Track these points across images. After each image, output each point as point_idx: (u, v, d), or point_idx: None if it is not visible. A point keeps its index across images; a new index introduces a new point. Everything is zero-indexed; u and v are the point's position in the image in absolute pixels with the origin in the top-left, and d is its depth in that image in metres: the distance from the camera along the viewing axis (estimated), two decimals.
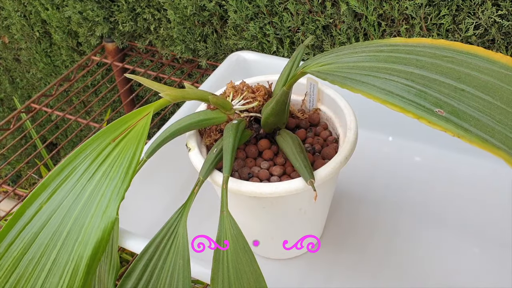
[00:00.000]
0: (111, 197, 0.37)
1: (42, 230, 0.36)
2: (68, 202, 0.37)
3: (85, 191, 0.37)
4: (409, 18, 0.64)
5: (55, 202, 0.37)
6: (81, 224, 0.36)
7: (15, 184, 1.21)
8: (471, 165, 0.61)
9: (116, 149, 0.39)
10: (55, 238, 0.36)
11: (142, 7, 0.85)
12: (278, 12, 0.72)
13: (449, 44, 0.37)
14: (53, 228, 0.36)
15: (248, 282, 0.36)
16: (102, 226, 0.36)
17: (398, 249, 0.54)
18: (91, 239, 0.35)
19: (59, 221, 0.36)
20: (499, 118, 0.30)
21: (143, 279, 0.39)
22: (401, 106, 0.31)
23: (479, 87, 0.32)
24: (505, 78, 0.33)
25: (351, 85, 0.33)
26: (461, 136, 0.28)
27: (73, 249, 0.35)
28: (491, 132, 0.29)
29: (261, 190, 0.43)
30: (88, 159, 0.38)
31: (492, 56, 0.35)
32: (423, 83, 0.32)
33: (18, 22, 1.05)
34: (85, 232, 0.36)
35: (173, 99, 0.43)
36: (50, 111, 0.88)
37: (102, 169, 0.38)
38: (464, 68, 0.34)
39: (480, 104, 0.31)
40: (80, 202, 0.37)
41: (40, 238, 0.36)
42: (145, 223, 0.56)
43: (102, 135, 0.40)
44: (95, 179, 0.38)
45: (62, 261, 0.35)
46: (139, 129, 0.40)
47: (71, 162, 0.38)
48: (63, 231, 0.36)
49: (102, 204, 0.36)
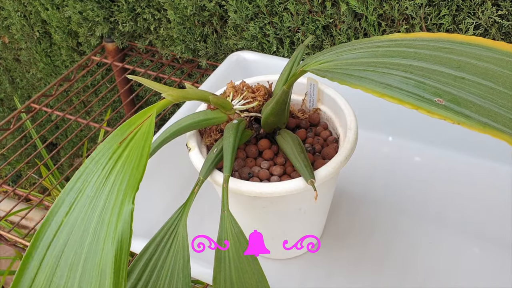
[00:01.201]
0: (126, 193, 0.37)
1: (66, 244, 0.36)
2: (86, 212, 0.37)
3: (101, 197, 0.37)
4: (409, 18, 0.64)
5: (73, 216, 0.37)
6: (101, 228, 0.36)
7: (15, 184, 1.21)
8: (470, 164, 0.62)
9: (125, 151, 0.39)
10: (80, 250, 0.35)
11: (142, 7, 0.85)
12: (278, 12, 0.72)
13: (448, 36, 0.37)
14: (76, 240, 0.36)
15: (250, 281, 0.36)
16: (121, 222, 0.36)
17: (398, 248, 0.54)
18: (111, 238, 0.35)
19: (81, 232, 0.36)
20: (502, 103, 0.30)
21: (142, 278, 0.39)
22: (399, 98, 0.31)
23: (480, 74, 0.32)
24: (507, 64, 0.33)
25: (350, 81, 0.33)
26: (461, 122, 0.28)
27: (97, 253, 0.35)
28: (493, 116, 0.29)
29: (261, 190, 0.43)
30: (99, 166, 0.38)
31: (493, 44, 0.35)
32: (422, 74, 0.32)
33: (18, 22, 1.05)
34: (107, 233, 0.36)
35: (175, 100, 0.43)
36: (50, 111, 0.88)
37: (114, 172, 0.38)
38: (464, 57, 0.34)
39: (481, 91, 0.31)
40: (97, 207, 0.37)
41: (66, 253, 0.35)
42: (145, 223, 0.56)
43: (109, 141, 0.40)
44: (109, 184, 0.38)
45: (91, 267, 0.35)
46: (145, 129, 0.40)
47: (82, 173, 0.38)
48: (85, 240, 0.36)
49: (117, 202, 0.36)
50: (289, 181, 0.43)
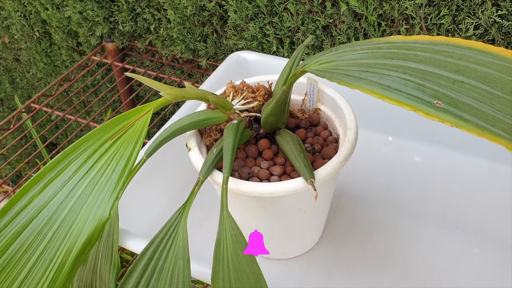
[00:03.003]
0: (106, 195, 0.36)
1: (31, 222, 0.35)
2: (61, 195, 0.36)
3: (79, 186, 0.37)
4: (409, 18, 0.64)
5: (47, 195, 0.36)
6: (72, 219, 0.36)
7: (15, 184, 1.21)
8: (470, 164, 0.61)
9: (113, 147, 0.39)
10: (44, 231, 0.35)
11: (142, 7, 0.85)
12: (278, 12, 0.72)
13: (448, 40, 0.37)
14: (43, 221, 0.36)
15: (248, 281, 0.36)
16: (94, 223, 0.35)
17: (398, 248, 0.54)
18: (81, 235, 0.35)
19: (50, 214, 0.36)
20: (500, 107, 0.30)
21: (143, 279, 0.39)
22: (398, 99, 0.31)
23: (479, 78, 0.32)
24: (506, 70, 0.33)
25: (349, 81, 0.33)
26: (460, 125, 0.29)
27: (62, 242, 0.35)
28: (491, 121, 0.29)
29: (261, 190, 0.43)
30: (84, 154, 0.38)
31: (493, 50, 0.35)
32: (421, 76, 0.32)
33: (18, 22, 1.05)
34: (76, 227, 0.35)
35: (173, 98, 0.43)
36: (50, 111, 0.88)
37: (98, 166, 0.38)
38: (463, 61, 0.34)
39: (480, 95, 0.31)
40: (73, 196, 0.36)
41: (28, 230, 0.35)
42: (145, 223, 0.56)
43: (99, 132, 0.39)
44: (91, 175, 0.37)
45: (50, 254, 0.34)
46: (138, 127, 0.40)
47: (66, 156, 0.38)
48: (53, 224, 0.35)
49: (96, 201, 0.36)
50: (289, 181, 0.43)
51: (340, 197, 0.60)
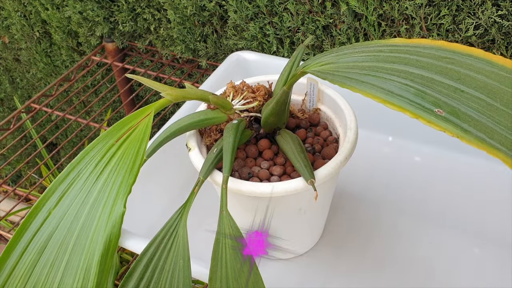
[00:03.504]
0: (118, 194, 0.37)
1: (53, 235, 0.37)
2: (76, 205, 0.37)
3: (92, 193, 0.38)
4: (409, 18, 0.64)
5: (63, 207, 0.37)
6: (90, 225, 0.36)
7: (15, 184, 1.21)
8: (470, 164, 0.62)
9: (120, 150, 0.39)
10: (66, 241, 0.36)
11: (142, 7, 0.85)
12: (278, 12, 0.72)
13: (449, 46, 0.37)
14: (63, 232, 0.37)
15: (246, 282, 0.36)
16: (111, 223, 0.36)
17: (398, 248, 0.54)
18: (100, 237, 0.36)
19: (69, 224, 0.37)
20: (499, 120, 0.30)
21: (144, 279, 0.39)
22: (400, 105, 0.31)
23: (479, 88, 0.32)
24: (505, 80, 0.33)
25: (351, 84, 0.33)
26: (460, 136, 0.29)
27: (84, 249, 0.36)
28: (490, 133, 0.29)
29: (261, 190, 0.43)
30: (93, 161, 0.39)
31: (492, 58, 0.35)
32: (422, 83, 0.32)
33: (18, 22, 1.05)
34: (95, 231, 0.36)
35: (174, 99, 0.43)
36: (50, 111, 0.88)
37: (107, 170, 0.38)
38: (464, 69, 0.34)
39: (480, 105, 0.31)
40: (88, 204, 0.37)
41: (51, 244, 0.36)
42: (145, 223, 0.56)
43: (105, 137, 0.40)
44: (101, 180, 0.38)
45: (75, 263, 0.35)
46: (141, 129, 0.40)
47: (76, 166, 0.39)
48: (73, 233, 0.36)
49: (109, 202, 0.37)
50: (289, 181, 0.43)
51: (340, 197, 0.60)
